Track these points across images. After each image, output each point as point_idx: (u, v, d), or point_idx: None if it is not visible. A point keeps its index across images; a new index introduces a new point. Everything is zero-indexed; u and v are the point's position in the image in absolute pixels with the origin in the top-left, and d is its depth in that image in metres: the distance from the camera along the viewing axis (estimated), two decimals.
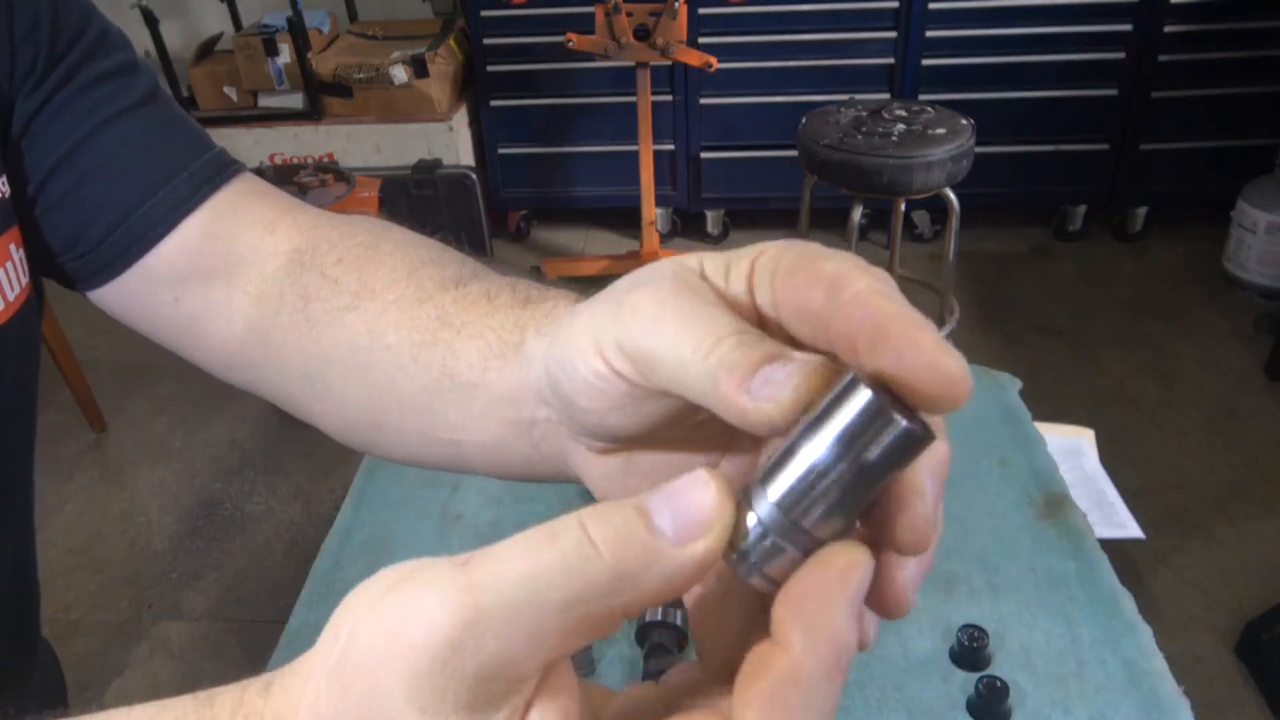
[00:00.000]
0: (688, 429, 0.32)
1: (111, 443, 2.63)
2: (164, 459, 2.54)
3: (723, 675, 0.27)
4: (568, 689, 0.24)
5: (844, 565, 0.23)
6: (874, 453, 0.23)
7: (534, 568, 0.22)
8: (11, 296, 0.50)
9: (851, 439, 0.23)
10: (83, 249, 0.52)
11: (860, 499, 0.23)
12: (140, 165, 0.51)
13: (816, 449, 0.23)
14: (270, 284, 0.51)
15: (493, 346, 0.41)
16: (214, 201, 0.52)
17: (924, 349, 0.23)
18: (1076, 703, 0.77)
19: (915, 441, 0.23)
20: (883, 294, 0.25)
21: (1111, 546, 0.93)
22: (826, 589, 0.23)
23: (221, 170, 0.53)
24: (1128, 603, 0.85)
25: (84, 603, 2.10)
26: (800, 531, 0.23)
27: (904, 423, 0.22)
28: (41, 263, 0.54)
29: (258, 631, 2.01)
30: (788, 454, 0.24)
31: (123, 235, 0.51)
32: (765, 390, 0.24)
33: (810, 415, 0.23)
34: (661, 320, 0.27)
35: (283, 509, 2.34)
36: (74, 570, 2.18)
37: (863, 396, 0.23)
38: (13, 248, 0.50)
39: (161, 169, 0.51)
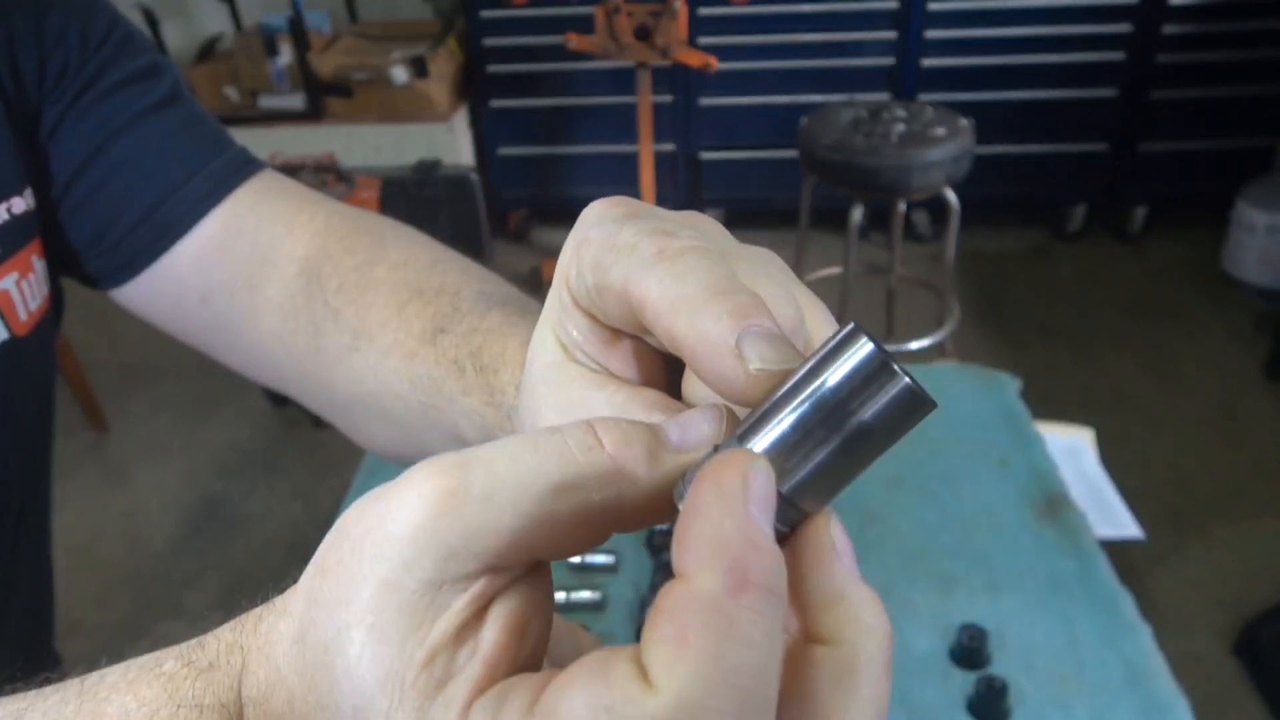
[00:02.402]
0: None
1: (112, 442, 2.63)
2: (164, 459, 2.54)
3: None
4: (537, 602, 0.23)
5: (723, 475, 0.21)
6: (870, 412, 0.21)
7: (531, 449, 0.22)
8: (34, 306, 0.51)
9: (848, 396, 0.21)
10: (106, 246, 0.52)
11: (850, 467, 0.22)
12: (162, 164, 0.52)
13: (807, 408, 0.21)
14: (291, 299, 0.52)
15: (487, 431, 0.42)
16: (234, 199, 0.53)
17: (723, 371, 0.23)
18: (1076, 702, 0.77)
19: (917, 404, 0.21)
20: (669, 303, 0.25)
21: (1111, 546, 0.93)
22: (709, 501, 0.20)
23: (241, 168, 0.54)
24: (1127, 602, 0.85)
25: (84, 603, 2.10)
26: (782, 501, 0.22)
27: (906, 379, 0.20)
28: (65, 263, 0.54)
29: None
30: (774, 409, 0.22)
31: (145, 232, 0.52)
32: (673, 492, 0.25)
33: (801, 369, 0.22)
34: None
35: (283, 509, 2.34)
36: (74, 570, 2.17)
37: (864, 348, 0.21)
38: (35, 258, 0.50)
39: (183, 167, 0.52)
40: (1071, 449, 1.26)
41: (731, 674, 0.19)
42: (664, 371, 0.30)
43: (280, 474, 2.45)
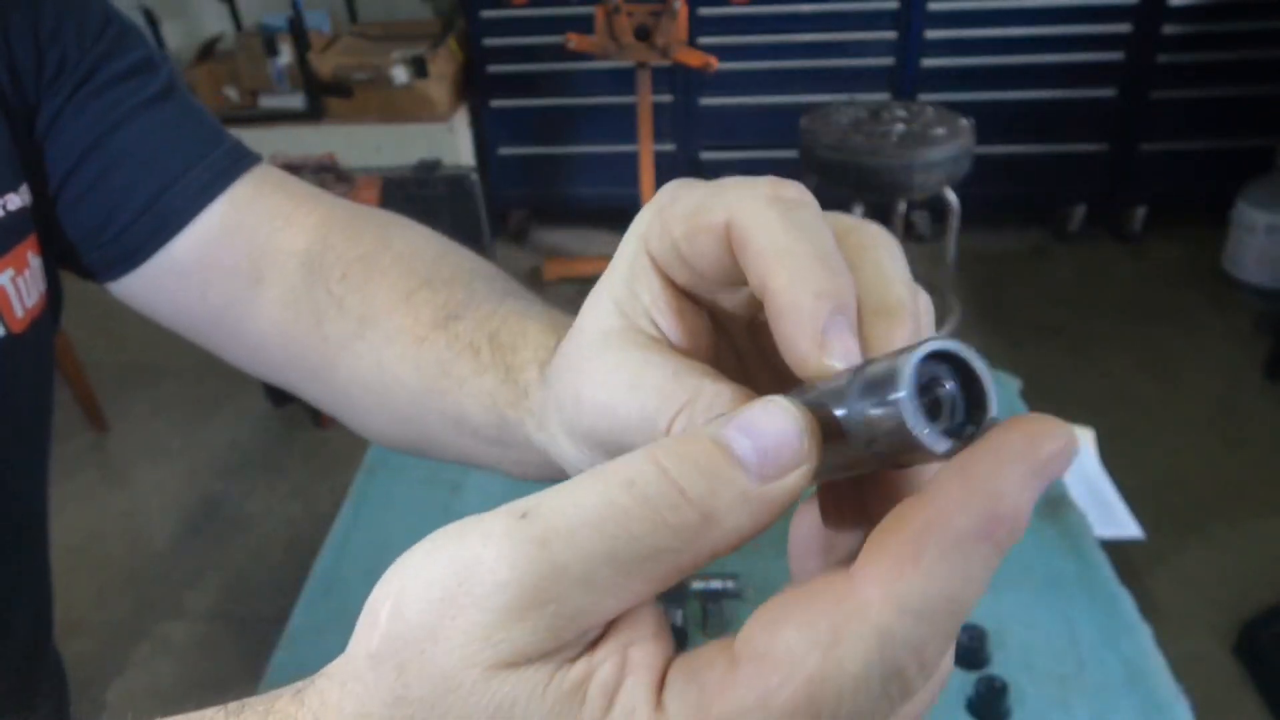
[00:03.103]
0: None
1: (112, 443, 2.63)
2: (164, 459, 2.54)
3: None
4: (651, 609, 0.23)
5: (1033, 429, 0.20)
6: (888, 448, 0.21)
7: (614, 518, 0.20)
8: (30, 303, 0.51)
9: (872, 434, 0.21)
10: (106, 239, 0.52)
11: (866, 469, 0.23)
12: (161, 156, 0.52)
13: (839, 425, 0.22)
14: (291, 291, 0.52)
15: (497, 414, 0.41)
16: (232, 192, 0.53)
17: (802, 346, 0.23)
18: (1076, 702, 0.77)
19: (931, 455, 0.21)
20: (777, 250, 0.24)
21: (1111, 546, 0.93)
22: (1009, 446, 0.19)
23: (239, 161, 0.54)
24: (1127, 602, 0.85)
25: (84, 602, 2.10)
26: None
27: (926, 442, 0.20)
28: (63, 257, 0.54)
29: (258, 631, 2.01)
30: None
31: (145, 224, 0.52)
32: None
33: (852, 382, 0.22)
34: (615, 419, 0.29)
35: (283, 509, 2.34)
36: (74, 570, 2.17)
37: (894, 401, 0.21)
38: (30, 255, 0.50)
39: (181, 160, 0.52)
40: None
41: (948, 600, 0.19)
42: (729, 355, 0.30)
43: (280, 474, 2.45)
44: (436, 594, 0.21)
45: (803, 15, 2.97)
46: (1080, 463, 1.23)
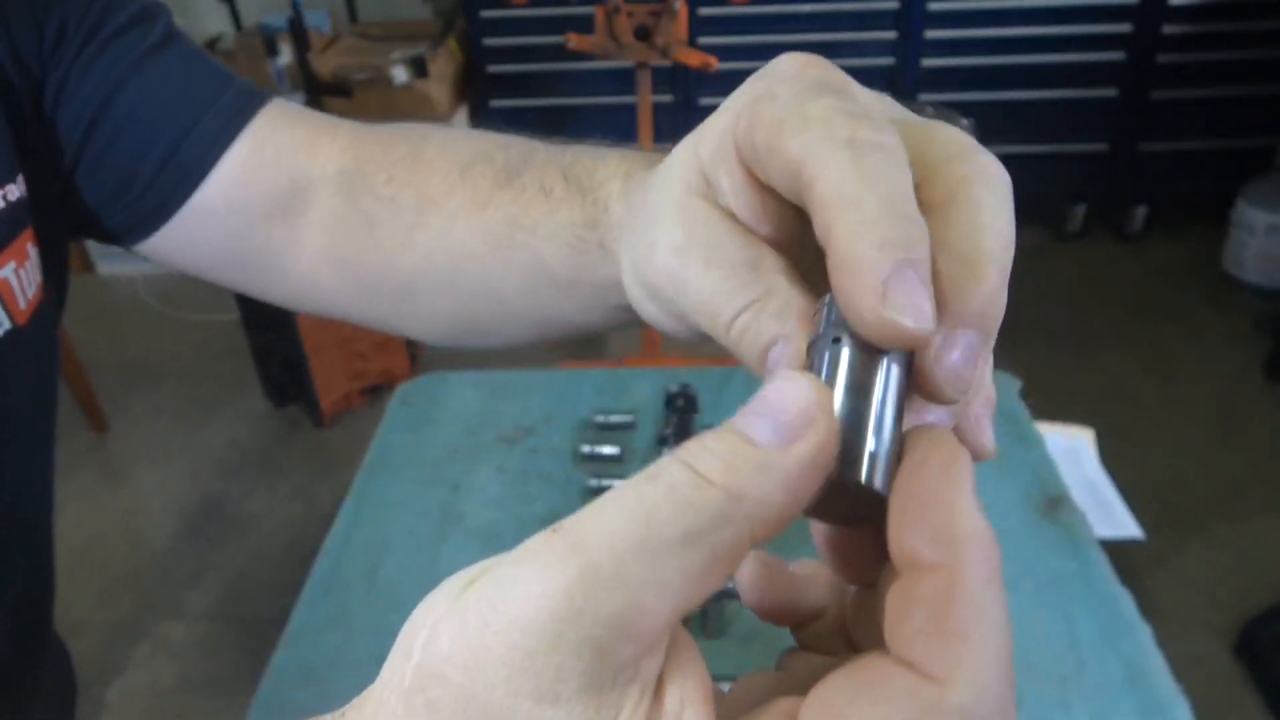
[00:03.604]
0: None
1: (112, 442, 2.62)
2: (164, 459, 2.54)
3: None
4: (697, 660, 0.22)
5: (951, 465, 0.21)
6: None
7: (641, 510, 0.20)
8: (31, 295, 0.51)
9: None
10: (131, 198, 0.52)
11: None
12: (173, 106, 0.52)
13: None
14: (332, 214, 0.51)
15: (574, 245, 0.40)
16: (251, 131, 0.52)
17: (861, 301, 0.22)
18: (1076, 702, 0.77)
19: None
20: (842, 198, 0.23)
21: (1111, 546, 0.93)
22: (945, 494, 0.20)
23: (250, 100, 0.53)
24: (1127, 602, 0.85)
25: (84, 602, 2.10)
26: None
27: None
28: (84, 226, 0.54)
29: (258, 631, 2.01)
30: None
31: (167, 177, 0.51)
32: (775, 371, 0.25)
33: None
34: (682, 290, 0.28)
35: (283, 509, 2.34)
36: (74, 570, 2.17)
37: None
38: (29, 246, 0.50)
39: (193, 107, 0.52)
40: (1071, 449, 1.26)
41: (1004, 658, 0.19)
42: (799, 251, 0.28)
43: (280, 474, 2.45)
44: (471, 619, 0.20)
45: (803, 15, 2.97)
46: (1080, 463, 1.23)
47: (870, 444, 0.22)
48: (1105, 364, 2.67)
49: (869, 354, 0.23)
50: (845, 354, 0.23)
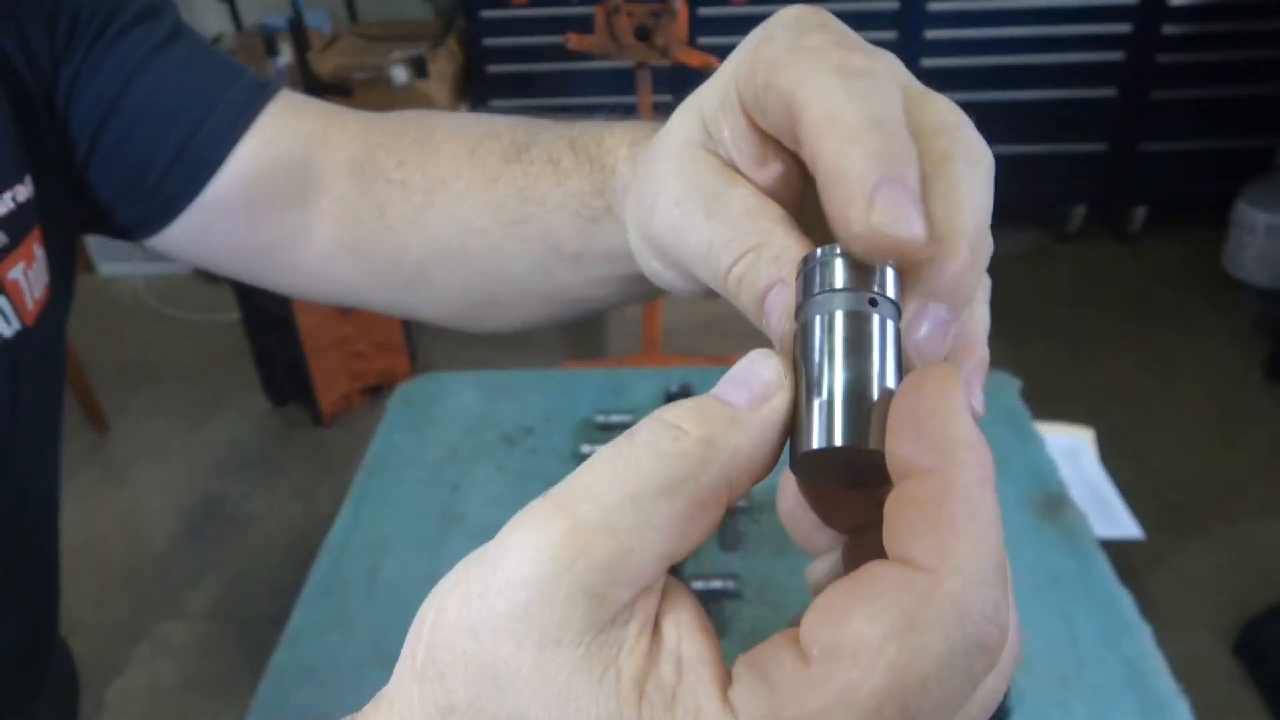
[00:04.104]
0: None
1: (112, 442, 2.62)
2: (164, 459, 2.54)
3: None
4: (691, 599, 0.23)
5: (949, 382, 0.21)
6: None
7: (623, 465, 0.21)
8: (38, 295, 0.51)
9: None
10: (143, 192, 0.52)
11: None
12: (184, 99, 0.52)
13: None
14: (344, 201, 0.52)
15: (582, 214, 0.41)
16: (261, 123, 0.53)
17: (850, 211, 0.22)
18: (1076, 702, 0.77)
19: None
20: (830, 118, 0.23)
21: (1111, 546, 0.93)
22: (944, 406, 0.21)
23: (259, 92, 0.54)
24: (1127, 602, 0.85)
25: (84, 602, 2.10)
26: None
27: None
28: (94, 223, 0.54)
29: (258, 631, 2.01)
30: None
31: (179, 171, 0.51)
32: (772, 316, 0.25)
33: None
34: (683, 242, 0.29)
35: (283, 509, 2.34)
36: (74, 570, 2.17)
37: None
38: (36, 247, 0.50)
39: (203, 101, 0.52)
40: (1071, 449, 1.26)
41: (996, 553, 0.20)
42: (800, 207, 0.29)
43: (280, 474, 2.45)
44: (474, 586, 0.21)
45: None
46: (1080, 463, 1.23)
47: (839, 401, 0.23)
48: (1105, 364, 2.67)
49: (860, 272, 0.23)
50: (838, 294, 0.23)
